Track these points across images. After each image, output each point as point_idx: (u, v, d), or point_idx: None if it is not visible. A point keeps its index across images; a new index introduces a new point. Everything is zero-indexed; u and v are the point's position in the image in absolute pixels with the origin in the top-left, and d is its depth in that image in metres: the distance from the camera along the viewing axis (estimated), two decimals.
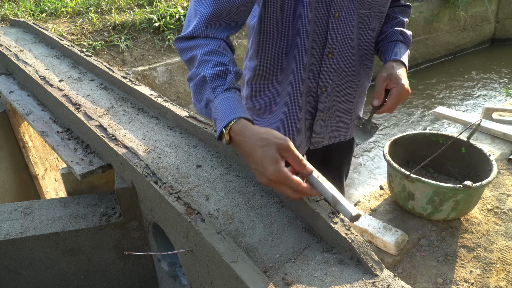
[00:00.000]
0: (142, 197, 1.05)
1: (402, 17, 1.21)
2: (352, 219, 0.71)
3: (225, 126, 0.77)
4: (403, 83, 1.04)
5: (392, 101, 1.04)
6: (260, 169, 0.74)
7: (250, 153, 0.75)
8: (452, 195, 1.40)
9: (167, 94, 3.77)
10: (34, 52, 1.90)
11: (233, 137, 0.78)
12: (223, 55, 0.87)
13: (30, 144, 2.00)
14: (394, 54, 1.09)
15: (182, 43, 0.92)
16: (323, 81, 1.14)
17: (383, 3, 1.08)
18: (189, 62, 0.91)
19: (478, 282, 1.30)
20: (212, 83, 0.83)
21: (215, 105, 0.82)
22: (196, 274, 0.88)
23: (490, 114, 2.34)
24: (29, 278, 1.16)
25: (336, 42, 1.07)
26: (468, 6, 6.39)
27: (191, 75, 0.89)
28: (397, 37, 1.14)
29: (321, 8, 1.01)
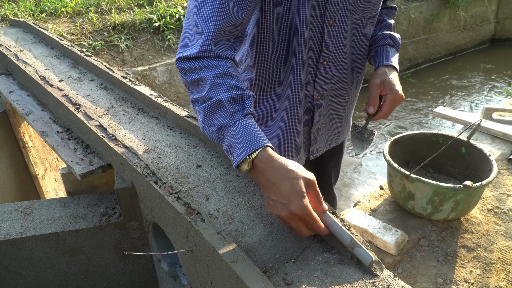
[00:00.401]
0: (142, 197, 1.05)
1: (389, 19, 1.22)
2: (370, 264, 0.71)
3: (250, 153, 0.75)
4: (397, 89, 1.05)
5: (387, 107, 1.06)
6: (283, 201, 0.72)
7: (276, 184, 0.73)
8: (452, 195, 1.40)
9: (167, 94, 3.77)
10: (34, 52, 1.90)
11: (258, 166, 0.76)
12: (235, 78, 0.84)
13: (30, 144, 2.00)
14: (385, 59, 1.10)
15: (186, 63, 0.86)
16: (318, 89, 1.13)
17: (375, 7, 1.07)
18: (195, 84, 0.86)
19: (478, 282, 1.30)
20: (230, 107, 0.80)
21: (234, 131, 0.79)
22: (196, 274, 0.88)
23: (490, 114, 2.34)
24: (29, 278, 1.16)
25: (330, 50, 1.06)
26: (468, 6, 6.39)
27: (198, 98, 0.84)
28: (386, 41, 1.14)
29: (316, 16, 0.99)
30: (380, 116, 1.08)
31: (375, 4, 1.06)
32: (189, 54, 0.85)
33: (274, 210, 0.74)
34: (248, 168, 0.76)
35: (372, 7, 1.06)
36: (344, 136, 1.40)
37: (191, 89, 0.89)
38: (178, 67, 0.89)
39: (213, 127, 0.83)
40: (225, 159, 1.06)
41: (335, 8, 0.99)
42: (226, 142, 0.81)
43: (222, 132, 0.82)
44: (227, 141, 0.81)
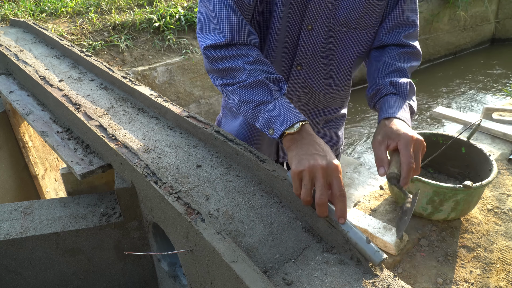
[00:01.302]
0: (142, 197, 1.05)
1: (402, 62, 1.01)
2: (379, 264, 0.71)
3: (301, 120, 0.81)
4: (406, 132, 0.84)
5: (405, 156, 0.81)
6: (322, 154, 0.77)
7: (319, 143, 0.80)
8: (452, 195, 1.40)
9: (167, 94, 3.77)
10: (34, 52, 1.90)
11: (303, 131, 0.82)
12: (267, 64, 0.90)
13: (30, 144, 2.00)
14: (385, 111, 0.93)
15: (215, 52, 0.90)
16: (290, 92, 1.12)
17: (362, 24, 1.00)
18: (225, 71, 0.91)
19: (478, 282, 1.30)
20: (271, 86, 0.86)
21: (275, 106, 0.84)
22: (196, 274, 0.88)
23: (490, 114, 2.34)
24: (29, 278, 1.16)
25: (306, 55, 1.03)
26: (468, 6, 6.39)
27: (232, 82, 0.90)
28: (387, 90, 0.97)
29: (294, 17, 0.97)
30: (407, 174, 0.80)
31: (362, 22, 1.00)
32: (216, 42, 0.89)
33: (307, 163, 0.76)
34: (296, 130, 0.81)
35: (358, 23, 0.99)
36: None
37: (218, 76, 0.93)
38: (206, 56, 0.92)
39: (251, 104, 0.87)
40: (225, 159, 1.06)
41: (314, 14, 0.97)
42: (263, 117, 0.86)
43: (259, 109, 0.86)
44: (266, 115, 0.85)
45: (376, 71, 1.02)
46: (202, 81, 3.99)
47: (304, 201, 0.77)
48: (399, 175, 0.82)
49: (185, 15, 4.00)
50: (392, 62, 1.01)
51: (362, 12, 0.98)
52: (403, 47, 1.03)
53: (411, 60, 1.03)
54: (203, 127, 1.12)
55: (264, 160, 0.96)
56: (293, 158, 0.79)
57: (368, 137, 4.27)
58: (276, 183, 0.91)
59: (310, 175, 0.75)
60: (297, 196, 0.80)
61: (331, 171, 0.75)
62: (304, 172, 0.76)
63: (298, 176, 0.77)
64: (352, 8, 0.96)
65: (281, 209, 0.88)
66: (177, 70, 3.77)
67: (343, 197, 0.75)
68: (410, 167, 0.80)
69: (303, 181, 0.76)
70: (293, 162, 0.79)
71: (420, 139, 0.84)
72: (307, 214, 0.84)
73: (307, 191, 0.76)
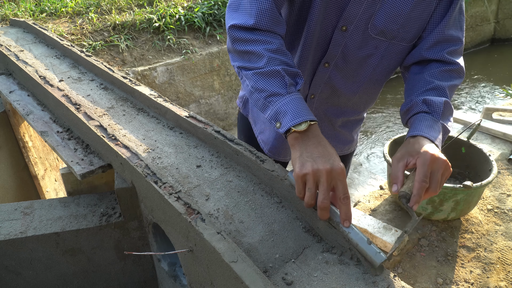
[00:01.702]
0: (142, 197, 1.05)
1: (441, 81, 0.95)
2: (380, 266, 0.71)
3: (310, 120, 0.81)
4: (427, 150, 0.79)
5: (419, 174, 0.77)
6: (327, 157, 0.76)
7: (324, 146, 0.79)
8: (452, 195, 1.40)
9: (167, 94, 3.77)
10: (34, 52, 1.90)
11: (310, 131, 0.81)
12: (288, 56, 0.89)
13: (30, 144, 2.00)
14: (413, 130, 0.88)
15: (240, 32, 0.89)
16: (314, 88, 1.12)
17: (399, 36, 0.97)
18: (245, 53, 0.90)
19: (478, 282, 1.30)
20: (287, 79, 0.85)
21: (287, 100, 0.83)
22: (196, 274, 0.88)
23: (490, 114, 2.34)
24: (29, 278, 1.16)
25: (335, 54, 1.03)
26: (468, 6, 6.39)
27: (250, 66, 0.89)
28: (419, 108, 0.92)
29: (330, 16, 0.97)
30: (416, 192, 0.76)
31: (401, 34, 0.96)
32: (243, 23, 0.88)
33: (310, 166, 0.75)
34: (303, 129, 0.80)
35: (395, 34, 0.96)
36: (344, 150, 1.36)
37: (238, 57, 0.92)
38: (230, 35, 0.91)
39: (263, 93, 0.86)
40: (225, 159, 1.06)
41: (351, 17, 0.95)
42: (273, 108, 0.85)
43: (271, 99, 0.85)
44: (276, 108, 0.84)
45: (413, 88, 0.98)
46: (202, 81, 3.99)
47: (308, 204, 0.76)
48: (410, 195, 0.77)
49: (185, 15, 4.00)
50: (431, 79, 0.95)
51: (402, 24, 0.94)
52: (446, 64, 0.98)
53: (452, 79, 0.97)
54: (203, 127, 1.12)
55: (264, 160, 0.95)
56: (297, 159, 0.79)
57: (370, 138, 4.27)
58: (276, 183, 0.91)
59: (314, 179, 0.75)
60: (300, 199, 0.80)
61: (335, 174, 0.74)
62: (308, 176, 0.75)
63: (302, 179, 0.76)
64: (392, 18, 0.94)
65: (281, 209, 0.88)
66: (177, 70, 3.77)
67: (347, 200, 0.75)
68: (422, 186, 0.76)
69: (307, 185, 0.75)
70: (297, 164, 0.78)
71: (443, 159, 0.78)
72: (307, 214, 0.84)
73: (312, 195, 0.75)
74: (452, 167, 1.72)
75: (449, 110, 0.94)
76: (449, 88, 0.96)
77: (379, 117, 4.66)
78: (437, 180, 0.78)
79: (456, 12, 0.96)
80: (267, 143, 1.30)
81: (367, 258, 0.72)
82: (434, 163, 0.78)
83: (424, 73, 0.98)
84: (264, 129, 1.30)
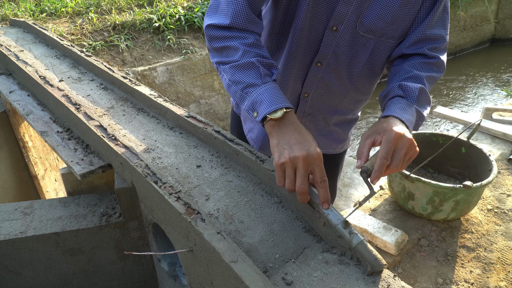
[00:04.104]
0: (142, 197, 1.05)
1: (420, 71, 0.99)
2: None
3: (285, 107, 0.83)
4: (393, 129, 0.82)
5: (383, 151, 0.80)
6: (304, 143, 0.78)
7: (301, 133, 0.81)
8: (452, 195, 1.40)
9: (167, 94, 3.77)
10: (34, 52, 1.90)
11: (286, 118, 0.83)
12: (263, 49, 0.92)
13: (30, 144, 2.00)
14: (386, 111, 0.92)
15: (216, 31, 0.93)
16: (307, 87, 1.14)
17: (386, 34, 1.00)
18: (222, 49, 0.93)
19: (478, 282, 1.30)
20: (262, 70, 0.88)
21: (262, 90, 0.86)
22: (196, 274, 0.88)
23: (490, 114, 2.34)
24: (29, 278, 1.16)
25: (327, 54, 1.05)
26: (468, 6, 6.39)
27: (227, 61, 0.92)
28: (395, 93, 0.96)
29: (320, 17, 0.99)
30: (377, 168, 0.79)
31: (388, 32, 0.99)
32: (219, 22, 0.92)
33: (288, 154, 0.77)
34: (279, 116, 0.82)
35: (383, 32, 0.99)
36: (337, 149, 1.38)
37: (216, 54, 0.96)
38: (207, 34, 0.95)
39: (240, 85, 0.89)
40: (225, 159, 1.06)
41: (341, 16, 0.98)
42: (250, 99, 0.87)
43: (247, 91, 0.88)
44: (253, 98, 0.86)
45: (393, 77, 1.01)
46: (202, 81, 3.99)
47: (289, 190, 0.80)
48: (371, 170, 0.81)
49: (185, 15, 4.00)
50: (410, 69, 0.99)
51: (389, 22, 0.97)
52: (427, 57, 1.01)
53: (431, 70, 1.01)
54: (203, 127, 1.12)
55: (264, 160, 0.96)
56: (275, 148, 0.81)
57: None
58: (276, 183, 0.91)
59: (292, 166, 0.77)
60: (280, 186, 0.84)
61: (312, 160, 0.77)
62: (286, 164, 0.78)
63: (281, 168, 0.79)
64: (380, 17, 0.96)
65: (281, 209, 0.88)
66: (177, 70, 3.77)
67: (324, 183, 0.78)
68: (383, 163, 0.79)
69: (286, 172, 0.78)
70: (275, 153, 0.80)
71: (408, 137, 0.80)
72: (307, 214, 0.84)
73: (291, 182, 0.78)
74: (452, 167, 1.72)
75: (425, 98, 0.96)
76: (427, 78, 0.99)
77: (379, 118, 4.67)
78: (399, 158, 0.80)
79: (439, 11, 0.99)
80: (257, 142, 1.31)
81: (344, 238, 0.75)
82: (398, 141, 0.80)
83: (405, 63, 1.02)
84: (253, 128, 1.32)
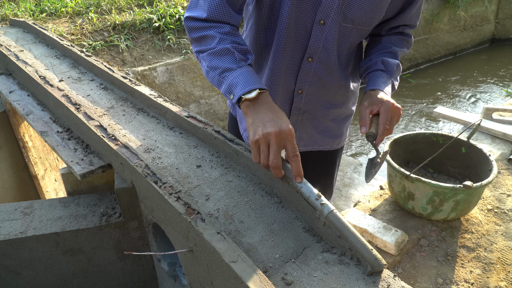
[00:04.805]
0: (142, 197, 1.05)
1: (397, 47, 1.17)
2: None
3: (259, 88, 0.87)
4: (388, 100, 1.01)
5: (382, 119, 0.99)
6: (276, 120, 0.82)
7: (274, 111, 0.85)
8: (452, 195, 1.40)
9: (167, 94, 3.76)
10: (34, 52, 1.90)
11: (260, 98, 0.88)
12: (239, 37, 0.98)
13: (30, 144, 2.00)
14: (372, 84, 1.08)
15: (194, 22, 0.99)
16: (300, 83, 1.15)
17: (365, 22, 1.07)
18: (201, 39, 0.98)
19: (478, 282, 1.30)
20: (237, 55, 0.93)
21: (238, 73, 0.91)
22: (196, 274, 0.88)
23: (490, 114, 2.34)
24: (29, 278, 1.16)
25: (317, 48, 1.08)
26: (468, 6, 6.39)
27: (204, 49, 0.97)
28: (377, 66, 1.12)
29: (307, 11, 1.02)
30: (381, 133, 0.99)
31: (366, 20, 1.06)
32: (197, 15, 0.98)
33: (261, 131, 0.82)
34: (253, 96, 0.86)
35: (363, 21, 1.05)
36: (334, 145, 1.38)
37: (195, 44, 1.01)
38: (186, 25, 1.01)
39: (217, 70, 0.94)
40: (225, 159, 1.06)
41: (327, 10, 1.01)
42: (226, 83, 0.92)
43: (224, 75, 0.93)
44: (229, 81, 0.91)
45: (373, 48, 1.17)
46: (202, 81, 3.99)
47: (264, 165, 0.84)
48: (376, 135, 1.01)
49: None
50: (389, 45, 1.16)
51: (368, 12, 1.03)
52: (402, 34, 1.19)
53: (403, 46, 1.19)
54: (203, 127, 1.12)
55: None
56: (250, 127, 0.85)
57: None
58: (276, 183, 0.91)
59: (265, 142, 0.82)
60: (256, 163, 0.90)
61: (284, 135, 0.82)
62: (260, 140, 0.82)
63: (256, 145, 0.84)
64: (361, 7, 1.02)
65: (281, 209, 0.88)
66: (177, 70, 3.77)
67: (296, 158, 0.82)
68: (386, 128, 0.99)
69: (261, 148, 0.83)
70: (250, 131, 0.85)
71: (398, 107, 1.00)
72: (307, 214, 0.84)
73: (265, 157, 0.83)
74: (452, 167, 1.72)
75: (398, 71, 1.15)
76: (400, 53, 1.18)
77: None
78: (393, 124, 1.01)
79: (418, 5, 1.12)
80: None
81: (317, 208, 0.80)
82: (393, 110, 1.00)
83: (383, 37, 1.19)
84: None
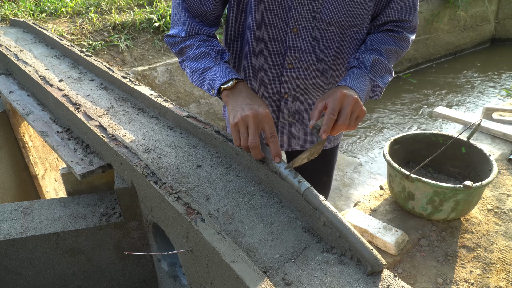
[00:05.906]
0: (142, 197, 1.05)
1: (383, 44, 1.04)
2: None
3: (235, 78, 0.93)
4: (341, 90, 0.89)
5: (330, 108, 0.87)
6: (254, 105, 0.87)
7: (252, 97, 0.90)
8: (452, 195, 1.40)
9: (167, 94, 3.76)
10: (34, 52, 1.90)
11: (237, 87, 0.93)
12: (214, 42, 1.04)
13: (30, 144, 2.00)
14: (340, 81, 0.98)
15: (172, 38, 1.06)
16: (285, 88, 1.16)
17: (347, 23, 1.02)
18: (182, 50, 1.05)
19: (478, 282, 1.30)
20: (213, 55, 1.00)
21: (216, 69, 0.96)
22: (196, 274, 0.88)
23: (490, 114, 2.34)
24: (29, 278, 1.16)
25: (295, 55, 1.08)
26: (468, 6, 6.39)
27: (185, 58, 1.04)
28: (351, 64, 1.03)
29: (277, 21, 1.02)
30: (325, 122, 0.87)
31: (348, 22, 1.02)
32: (175, 33, 1.05)
33: (239, 114, 0.86)
34: (230, 86, 0.92)
35: (343, 22, 1.02)
36: (329, 143, 1.38)
37: (178, 56, 1.09)
38: (166, 42, 1.09)
39: (198, 72, 1.01)
40: (225, 159, 1.06)
41: (297, 18, 1.01)
42: (207, 80, 0.98)
43: (204, 75, 0.99)
44: (209, 79, 0.97)
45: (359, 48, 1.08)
46: None
47: (244, 147, 0.88)
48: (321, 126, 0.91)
49: None
50: (372, 42, 1.05)
51: (346, 13, 1.00)
52: (390, 31, 1.06)
53: (392, 43, 1.04)
54: (203, 127, 1.12)
55: (264, 160, 0.96)
56: (230, 113, 0.90)
57: (370, 138, 4.27)
58: (276, 183, 0.91)
59: (244, 124, 0.86)
60: (237, 147, 0.93)
61: (261, 118, 0.86)
62: (239, 123, 0.86)
63: (236, 128, 0.88)
64: (336, 10, 0.99)
65: (281, 209, 0.88)
66: (177, 70, 3.77)
67: (274, 139, 0.87)
68: (330, 118, 0.87)
69: (240, 131, 0.87)
70: (230, 116, 0.89)
71: (353, 96, 0.88)
72: (307, 214, 0.84)
73: (245, 139, 0.87)
74: (452, 167, 1.72)
75: (381, 67, 1.01)
76: (386, 49, 1.03)
77: (379, 118, 4.67)
78: (346, 114, 0.87)
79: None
80: None
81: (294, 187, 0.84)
82: (343, 99, 0.88)
83: (370, 37, 1.08)
84: None
